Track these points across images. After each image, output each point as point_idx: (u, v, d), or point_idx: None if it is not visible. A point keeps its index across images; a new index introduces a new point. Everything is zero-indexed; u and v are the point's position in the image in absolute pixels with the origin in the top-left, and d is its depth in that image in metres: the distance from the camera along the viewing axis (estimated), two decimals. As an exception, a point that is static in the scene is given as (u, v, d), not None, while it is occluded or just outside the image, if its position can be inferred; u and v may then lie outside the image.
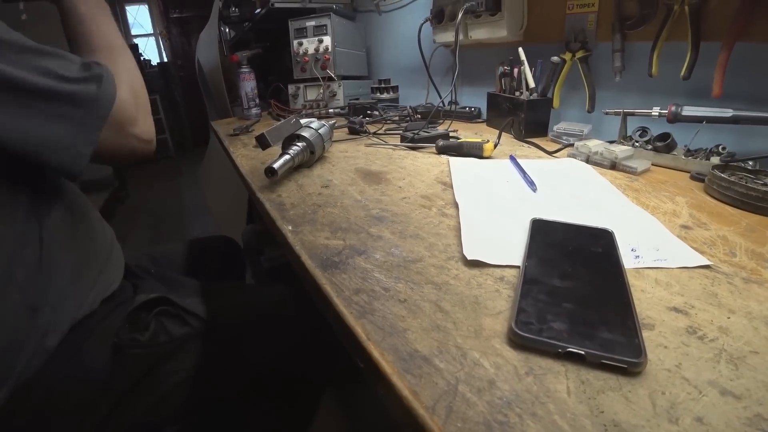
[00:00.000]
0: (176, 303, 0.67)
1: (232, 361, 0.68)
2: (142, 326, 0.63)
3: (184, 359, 0.64)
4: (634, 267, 0.41)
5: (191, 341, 0.66)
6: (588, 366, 0.28)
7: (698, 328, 0.32)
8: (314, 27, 1.55)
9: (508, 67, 1.08)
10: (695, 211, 0.55)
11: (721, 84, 0.72)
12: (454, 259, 0.43)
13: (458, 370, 0.28)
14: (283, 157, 0.70)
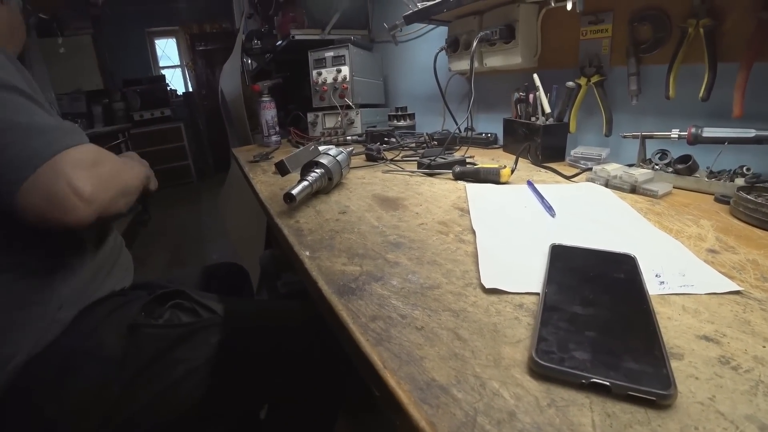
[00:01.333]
0: (191, 296, 0.71)
1: (243, 362, 0.70)
2: (156, 315, 0.68)
3: (195, 348, 0.67)
4: (659, 293, 0.40)
5: (203, 331, 0.68)
6: (614, 398, 0.27)
7: (731, 357, 0.31)
8: (333, 57, 1.60)
9: (524, 93, 1.08)
10: (722, 235, 0.54)
11: (741, 104, 0.71)
12: (472, 286, 0.43)
13: (477, 401, 0.27)
14: (302, 184, 0.71)
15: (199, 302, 0.71)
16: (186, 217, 4.01)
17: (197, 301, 0.71)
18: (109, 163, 0.62)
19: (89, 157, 0.57)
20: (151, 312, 0.68)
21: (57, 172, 0.53)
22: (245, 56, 2.32)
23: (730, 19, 0.75)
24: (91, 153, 0.58)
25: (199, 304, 0.71)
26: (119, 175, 0.63)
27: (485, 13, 1.21)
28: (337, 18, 1.79)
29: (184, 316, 0.70)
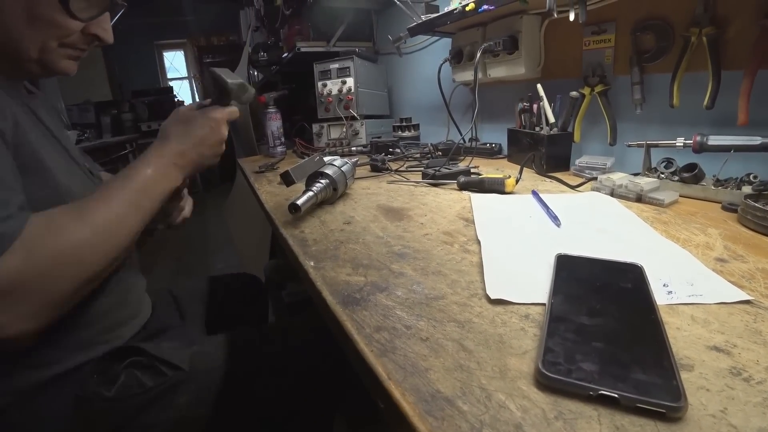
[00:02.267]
0: (149, 353, 0.61)
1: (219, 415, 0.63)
2: (110, 377, 0.58)
3: (159, 414, 0.59)
4: (667, 303, 0.39)
5: (168, 393, 0.60)
6: (622, 410, 0.27)
7: (743, 368, 0.30)
8: (338, 69, 1.62)
9: (528, 103, 1.09)
10: (730, 243, 0.53)
11: (746, 112, 0.71)
12: (477, 297, 0.42)
13: (483, 413, 0.27)
14: (307, 194, 0.72)
15: (158, 358, 0.61)
16: (191, 227, 4.01)
17: (156, 357, 0.61)
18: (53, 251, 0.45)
19: (8, 276, 0.42)
20: (105, 372, 0.59)
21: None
22: (251, 68, 2.36)
23: (734, 27, 0.75)
24: (14, 264, 0.42)
25: (159, 359, 0.61)
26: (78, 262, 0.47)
27: (488, 24, 1.22)
28: (342, 30, 1.81)
29: (144, 375, 0.59)
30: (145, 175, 0.58)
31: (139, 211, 0.56)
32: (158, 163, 0.60)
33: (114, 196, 0.53)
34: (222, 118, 0.67)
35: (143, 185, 0.57)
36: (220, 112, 0.67)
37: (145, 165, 0.59)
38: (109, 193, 0.54)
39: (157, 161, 0.60)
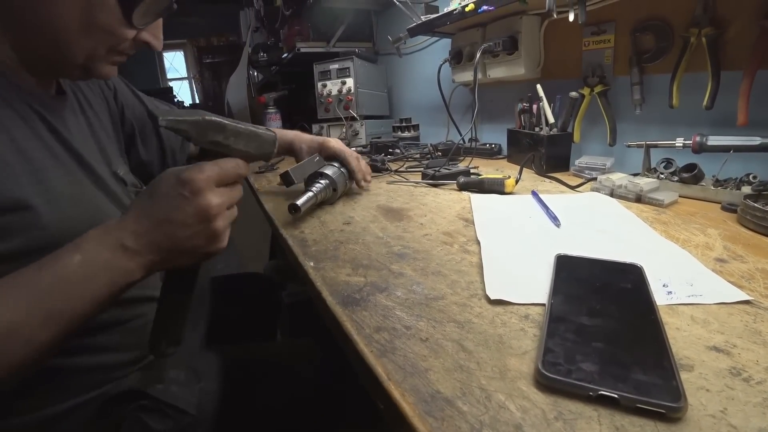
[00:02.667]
0: (155, 397, 0.56)
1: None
2: (114, 422, 0.53)
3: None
4: (666, 303, 0.39)
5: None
6: (622, 410, 0.27)
7: (743, 369, 0.30)
8: (338, 69, 1.62)
9: (527, 104, 1.09)
10: (730, 243, 0.53)
11: (746, 112, 0.71)
12: (477, 297, 0.42)
13: (482, 414, 0.27)
14: (306, 195, 0.72)
15: (163, 402, 0.56)
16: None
17: (162, 402, 0.56)
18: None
19: None
20: (107, 415, 0.53)
21: None
22: (251, 68, 2.36)
23: (733, 28, 0.75)
24: None
25: (165, 404, 0.56)
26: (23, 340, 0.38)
27: (488, 25, 1.22)
28: (342, 31, 1.81)
29: (149, 419, 0.54)
30: (66, 263, 0.40)
31: (50, 316, 0.39)
32: (96, 245, 0.42)
33: (12, 294, 0.38)
34: (204, 179, 0.43)
35: (60, 278, 0.40)
36: (203, 170, 0.43)
37: (74, 248, 0.41)
38: (9, 288, 0.38)
39: (97, 242, 0.42)
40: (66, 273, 0.40)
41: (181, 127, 0.42)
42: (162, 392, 0.56)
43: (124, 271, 0.42)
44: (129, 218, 0.43)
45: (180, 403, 0.56)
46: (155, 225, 0.43)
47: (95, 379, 0.55)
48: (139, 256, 0.42)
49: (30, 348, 0.39)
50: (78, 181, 0.53)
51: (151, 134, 0.81)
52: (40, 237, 0.45)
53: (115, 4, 0.48)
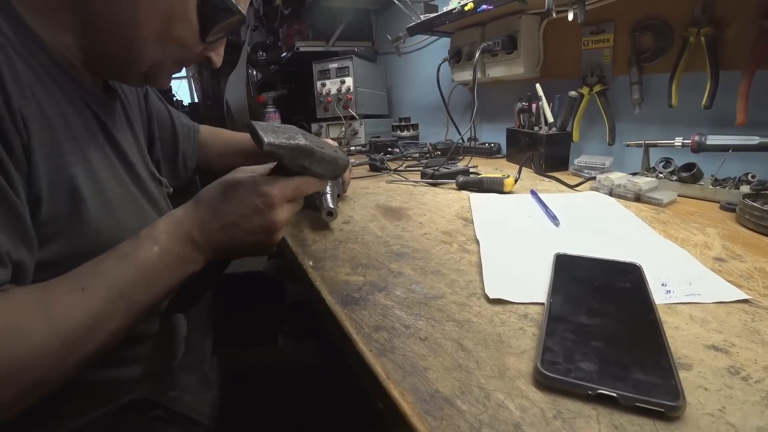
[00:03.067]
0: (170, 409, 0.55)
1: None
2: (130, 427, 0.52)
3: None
4: (665, 302, 0.39)
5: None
6: (621, 409, 0.27)
7: (741, 367, 0.30)
8: (337, 69, 1.62)
9: (526, 103, 1.09)
10: (728, 243, 0.53)
11: (744, 112, 0.71)
12: (476, 296, 0.42)
13: (481, 413, 0.27)
14: (328, 195, 0.68)
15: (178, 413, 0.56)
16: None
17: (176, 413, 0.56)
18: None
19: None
20: (123, 423, 0.52)
21: None
22: (250, 68, 2.35)
23: (732, 28, 0.75)
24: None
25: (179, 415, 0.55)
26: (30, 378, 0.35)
27: (487, 24, 1.22)
28: (341, 30, 1.81)
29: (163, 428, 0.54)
30: (147, 255, 0.42)
31: (131, 306, 0.41)
32: (170, 238, 0.43)
33: (99, 285, 0.39)
34: (279, 195, 0.46)
35: (142, 270, 0.41)
36: (279, 186, 0.46)
37: (151, 240, 0.42)
38: (93, 279, 0.39)
39: (170, 234, 0.43)
40: (148, 265, 0.41)
41: (280, 152, 0.44)
42: (175, 401, 0.56)
43: (191, 264, 0.45)
44: (199, 213, 0.45)
45: (193, 414, 0.56)
46: (223, 227, 0.45)
47: (118, 392, 0.54)
48: (203, 252, 0.45)
49: (113, 336, 0.40)
50: (125, 183, 0.54)
51: (170, 142, 0.80)
52: (89, 241, 0.45)
53: (195, 19, 0.48)
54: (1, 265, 0.37)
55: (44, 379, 0.36)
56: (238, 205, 0.45)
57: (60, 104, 0.45)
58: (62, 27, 0.45)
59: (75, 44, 0.47)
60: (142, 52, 0.47)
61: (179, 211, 0.46)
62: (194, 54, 0.52)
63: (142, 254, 0.41)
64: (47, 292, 0.37)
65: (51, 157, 0.42)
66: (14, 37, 0.41)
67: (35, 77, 0.42)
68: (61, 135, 0.44)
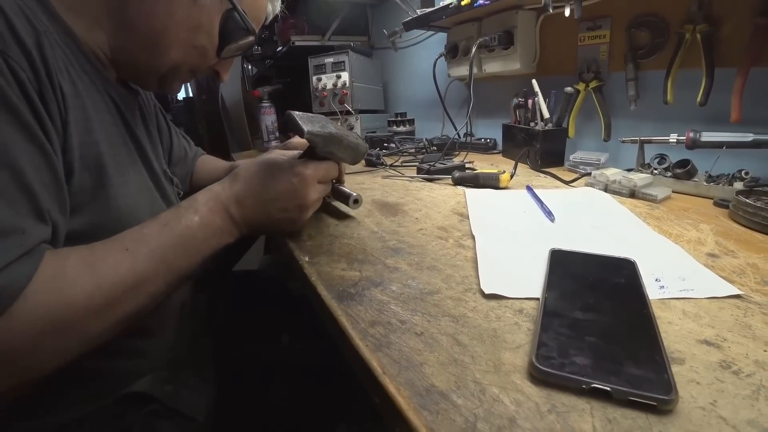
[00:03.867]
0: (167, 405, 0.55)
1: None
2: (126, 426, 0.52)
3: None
4: (659, 298, 0.40)
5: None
6: (614, 403, 0.27)
7: (733, 362, 0.30)
8: (333, 63, 1.61)
9: (523, 99, 1.09)
10: (722, 239, 0.54)
11: (739, 109, 0.72)
12: (471, 291, 0.43)
13: (477, 407, 0.27)
14: (345, 188, 0.67)
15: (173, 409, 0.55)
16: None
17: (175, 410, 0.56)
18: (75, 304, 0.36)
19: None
20: (120, 417, 0.52)
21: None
22: (245, 62, 2.33)
23: (728, 25, 0.75)
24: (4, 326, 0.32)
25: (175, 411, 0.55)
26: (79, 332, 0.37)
27: (484, 19, 1.22)
28: (337, 24, 1.80)
29: (159, 424, 0.54)
30: (189, 223, 0.45)
31: (170, 271, 0.43)
32: (210, 210, 0.47)
33: (142, 248, 0.41)
34: (312, 175, 0.51)
35: (184, 237, 0.44)
36: (312, 167, 0.52)
37: (192, 210, 0.46)
38: (137, 242, 0.42)
39: (209, 207, 0.47)
40: (189, 233, 0.45)
41: (316, 140, 0.51)
42: (172, 397, 0.56)
43: (227, 236, 0.49)
44: (236, 189, 0.49)
45: (188, 411, 0.57)
46: (260, 203, 0.50)
47: (119, 383, 0.54)
48: (238, 226, 0.49)
49: (152, 299, 0.43)
50: (141, 172, 0.56)
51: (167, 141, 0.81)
52: (109, 218, 0.46)
53: (216, 34, 0.52)
54: (44, 222, 0.37)
55: (85, 333, 0.37)
56: (275, 182, 0.50)
57: (90, 91, 0.47)
58: (96, 25, 0.48)
59: (105, 42, 0.50)
60: (165, 56, 0.51)
61: (217, 186, 0.50)
62: (208, 65, 0.56)
63: (184, 223, 0.45)
64: (92, 250, 0.40)
65: (83, 133, 0.44)
66: (52, 28, 0.43)
67: (70, 63, 0.44)
68: (92, 115, 0.46)
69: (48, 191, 0.38)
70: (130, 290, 0.39)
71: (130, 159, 0.53)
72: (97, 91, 0.49)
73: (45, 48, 0.39)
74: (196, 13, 0.50)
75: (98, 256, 0.39)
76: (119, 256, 0.40)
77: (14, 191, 0.34)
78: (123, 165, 0.50)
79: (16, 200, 0.35)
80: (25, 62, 0.37)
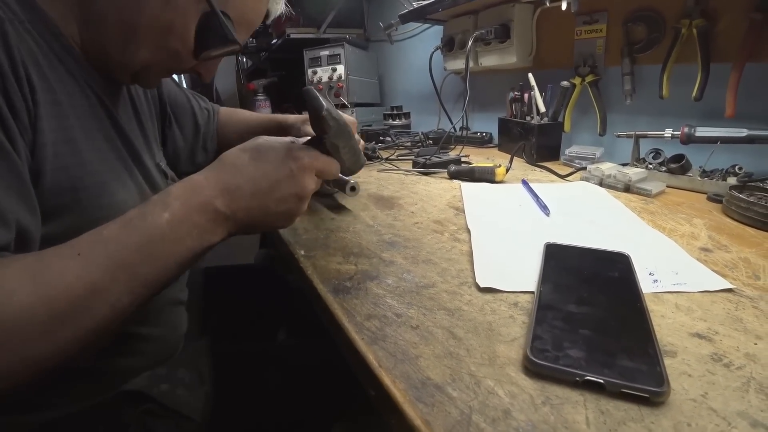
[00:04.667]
0: (163, 403, 0.53)
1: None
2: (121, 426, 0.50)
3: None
4: (652, 291, 0.40)
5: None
6: (607, 395, 0.27)
7: (724, 355, 0.31)
8: (328, 56, 1.60)
9: (519, 93, 1.09)
10: (714, 233, 0.54)
11: (733, 104, 0.72)
12: (467, 285, 0.43)
13: (472, 399, 0.28)
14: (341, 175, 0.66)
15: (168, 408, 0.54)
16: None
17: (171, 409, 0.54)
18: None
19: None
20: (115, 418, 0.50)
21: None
22: (240, 54, 2.31)
23: (724, 20, 0.76)
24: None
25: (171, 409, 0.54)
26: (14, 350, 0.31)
27: (480, 12, 1.21)
28: (333, 17, 1.78)
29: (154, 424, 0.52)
30: (156, 221, 0.37)
31: (133, 278, 0.36)
32: (185, 206, 0.39)
33: (97, 252, 0.35)
34: (312, 163, 0.44)
35: (148, 238, 0.37)
36: (312, 154, 0.44)
37: (161, 206, 0.38)
38: (92, 245, 0.35)
39: (184, 202, 0.39)
40: (154, 234, 0.37)
41: (331, 123, 0.44)
42: (168, 395, 0.54)
43: (210, 235, 0.40)
44: (223, 178, 0.41)
45: (184, 410, 0.55)
46: (255, 193, 0.41)
47: (115, 382, 0.53)
48: (225, 222, 0.41)
49: (113, 312, 0.36)
50: (130, 169, 0.52)
51: (188, 120, 0.79)
52: (92, 218, 0.41)
53: (192, 38, 0.48)
54: (4, 225, 0.34)
55: (31, 351, 0.32)
56: (271, 169, 0.42)
57: (66, 83, 0.44)
58: (70, 15, 0.45)
59: (78, 34, 0.47)
60: (135, 55, 0.48)
61: (199, 176, 0.41)
62: (184, 68, 0.52)
63: (150, 221, 0.37)
64: (39, 257, 0.34)
65: (57, 130, 0.40)
66: (24, 16, 0.40)
67: (42, 54, 0.41)
68: (67, 111, 0.43)
69: (10, 195, 0.35)
70: (81, 302, 0.33)
71: (115, 154, 0.50)
72: (76, 83, 0.46)
73: (9, 37, 0.36)
74: (168, 14, 0.45)
75: (45, 263, 0.34)
76: (68, 263, 0.34)
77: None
78: (106, 161, 0.47)
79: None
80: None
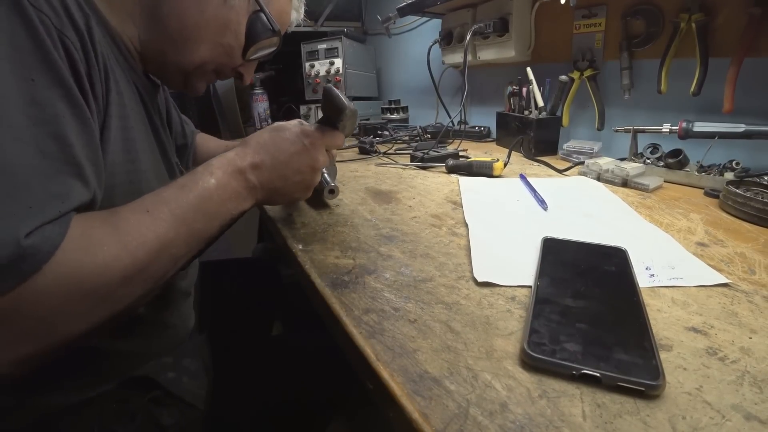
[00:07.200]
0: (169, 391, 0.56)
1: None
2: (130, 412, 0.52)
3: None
4: (649, 286, 0.40)
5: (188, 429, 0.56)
6: (604, 389, 0.27)
7: (719, 349, 0.31)
8: (326, 50, 1.59)
9: (517, 87, 1.08)
10: (711, 228, 0.54)
11: (731, 99, 0.72)
12: (464, 279, 0.43)
13: (469, 392, 0.28)
14: (326, 174, 0.66)
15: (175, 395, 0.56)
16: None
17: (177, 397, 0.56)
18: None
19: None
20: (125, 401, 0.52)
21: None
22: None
23: (722, 15, 0.75)
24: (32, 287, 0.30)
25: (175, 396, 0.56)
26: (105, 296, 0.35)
27: (479, 5, 1.21)
28: (330, 10, 1.77)
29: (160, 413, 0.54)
30: (205, 185, 0.43)
31: (191, 233, 0.41)
32: (225, 174, 0.45)
33: (162, 209, 0.39)
34: (321, 141, 0.53)
35: (201, 198, 0.43)
36: (321, 133, 0.54)
37: (208, 173, 0.44)
38: (156, 204, 0.40)
39: (225, 170, 0.45)
40: (205, 195, 0.43)
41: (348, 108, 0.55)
42: (174, 383, 0.57)
43: (243, 201, 0.47)
44: (249, 153, 0.49)
45: (188, 397, 0.57)
46: (276, 166, 0.49)
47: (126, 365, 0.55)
48: (255, 190, 0.48)
49: (174, 264, 0.41)
50: (160, 165, 0.57)
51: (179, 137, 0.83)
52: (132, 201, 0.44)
53: (243, 33, 0.55)
54: (86, 185, 0.36)
55: (111, 296, 0.36)
56: (286, 142, 0.51)
57: (122, 80, 0.48)
58: (129, 18, 0.50)
59: (136, 36, 0.51)
60: (194, 53, 0.53)
61: (231, 153, 0.48)
62: (233, 65, 0.58)
63: (201, 184, 0.43)
64: (113, 212, 0.38)
65: (120, 117, 0.45)
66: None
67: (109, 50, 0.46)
68: (127, 102, 0.47)
69: (90, 165, 0.38)
70: (154, 252, 0.38)
71: (151, 147, 0.54)
72: (127, 80, 0.50)
73: (94, 31, 0.40)
74: (225, 12, 0.52)
75: (121, 216, 0.38)
76: (141, 217, 0.38)
77: (62, 162, 0.35)
78: (147, 152, 0.51)
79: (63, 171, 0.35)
80: (78, 42, 0.38)
